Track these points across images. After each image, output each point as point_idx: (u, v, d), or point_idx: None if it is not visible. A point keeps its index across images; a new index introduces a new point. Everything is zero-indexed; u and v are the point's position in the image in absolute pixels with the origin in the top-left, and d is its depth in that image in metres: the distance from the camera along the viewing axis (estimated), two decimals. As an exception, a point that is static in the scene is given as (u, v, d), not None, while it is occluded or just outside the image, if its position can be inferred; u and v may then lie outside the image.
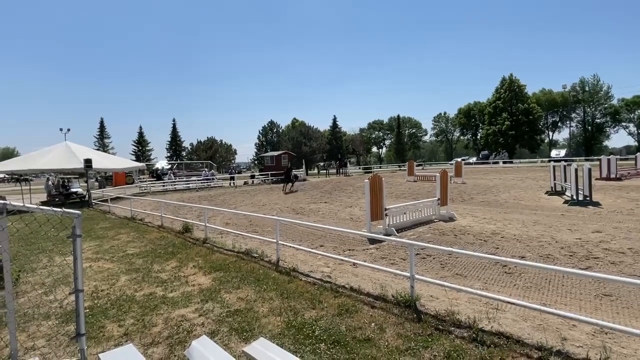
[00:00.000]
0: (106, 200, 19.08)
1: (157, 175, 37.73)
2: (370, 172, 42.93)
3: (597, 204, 13.05)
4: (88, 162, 20.25)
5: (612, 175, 21.80)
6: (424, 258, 7.41)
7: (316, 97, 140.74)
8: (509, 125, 64.07)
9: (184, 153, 77.20)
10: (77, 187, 24.71)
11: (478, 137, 78.99)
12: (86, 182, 22.63)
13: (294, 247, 7.97)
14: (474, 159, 61.69)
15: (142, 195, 24.56)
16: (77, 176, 28.02)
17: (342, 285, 5.93)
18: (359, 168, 58.77)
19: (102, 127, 78.08)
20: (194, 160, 59.67)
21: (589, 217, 10.94)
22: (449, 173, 15.19)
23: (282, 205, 17.08)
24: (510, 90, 65.45)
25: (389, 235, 9.24)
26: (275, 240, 7.57)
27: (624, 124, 69.24)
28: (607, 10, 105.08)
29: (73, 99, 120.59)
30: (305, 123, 71.13)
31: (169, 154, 76.90)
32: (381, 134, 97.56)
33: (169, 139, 78.63)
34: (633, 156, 29.93)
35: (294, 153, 45.04)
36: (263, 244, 8.83)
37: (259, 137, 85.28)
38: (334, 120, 77.82)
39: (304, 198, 20.04)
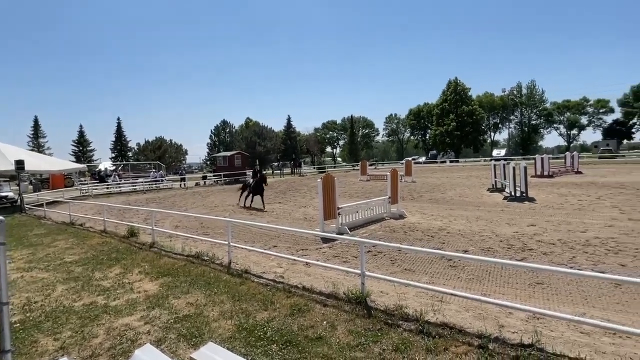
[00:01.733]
0: (42, 205, 17.66)
1: (100, 177, 35.52)
2: (325, 171, 43.35)
3: (532, 200, 14.09)
4: (20, 163, 18.61)
5: (546, 173, 23.67)
6: (375, 255, 7.60)
7: (270, 97, 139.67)
8: (455, 126, 67.41)
9: (130, 153, 73.39)
10: (7, 191, 22.64)
11: (427, 137, 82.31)
12: (18, 185, 20.77)
13: (246, 248, 7.85)
14: (423, 159, 64.25)
15: (82, 199, 23.04)
16: (8, 179, 25.67)
17: (294, 285, 5.93)
18: (314, 168, 59.13)
19: (36, 126, 72.27)
20: (141, 161, 56.88)
21: (525, 212, 11.78)
22: (400, 172, 15.72)
23: (235, 207, 16.77)
24: (456, 93, 68.90)
25: (342, 233, 9.38)
26: (227, 242, 7.41)
27: (555, 125, 75.39)
28: (541, 19, 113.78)
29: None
30: (260, 123, 70.41)
31: (113, 155, 72.79)
32: (335, 134, 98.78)
33: (114, 139, 74.41)
34: (563, 155, 32.66)
35: (247, 153, 44.36)
36: (214, 247, 8.61)
37: (211, 137, 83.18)
38: (288, 120, 77.71)
39: (257, 198, 19.80)
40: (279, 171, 45.12)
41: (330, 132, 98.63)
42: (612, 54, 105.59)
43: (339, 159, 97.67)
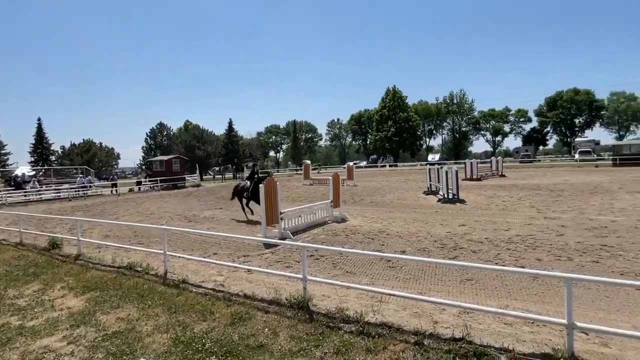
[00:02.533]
0: (-58, 216, 15.50)
1: (16, 183, 32.01)
2: (267, 176, 42.96)
3: (463, 201, 15.09)
4: None
5: (475, 176, 25.49)
6: (317, 259, 7.65)
7: (211, 100, 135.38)
8: (393, 132, 70.32)
9: (53, 157, 67.13)
10: None
11: (368, 142, 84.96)
12: None
13: (184, 257, 7.50)
14: (364, 163, 66.15)
15: (-5, 208, 20.60)
16: None
17: (235, 293, 5.78)
18: (257, 172, 58.18)
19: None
20: (66, 166, 52.23)
21: (456, 213, 12.58)
22: (342, 176, 16.05)
23: (173, 214, 16.00)
24: (394, 100, 71.99)
25: (285, 238, 9.33)
26: (162, 252, 7.03)
27: (482, 132, 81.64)
28: (471, 32, 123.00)
29: None
30: (200, 126, 68.11)
31: (33, 159, 66.05)
32: (278, 138, 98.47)
33: (33, 142, 67.59)
34: (489, 160, 35.44)
35: (186, 157, 42.63)
36: (149, 256, 8.13)
37: (146, 140, 78.83)
38: (230, 123, 76.00)
39: (197, 205, 19.09)
40: (220, 176, 43.90)
41: (274, 137, 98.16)
42: (531, 68, 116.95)
43: (281, 163, 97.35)
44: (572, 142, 66.14)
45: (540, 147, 73.30)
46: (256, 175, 13.39)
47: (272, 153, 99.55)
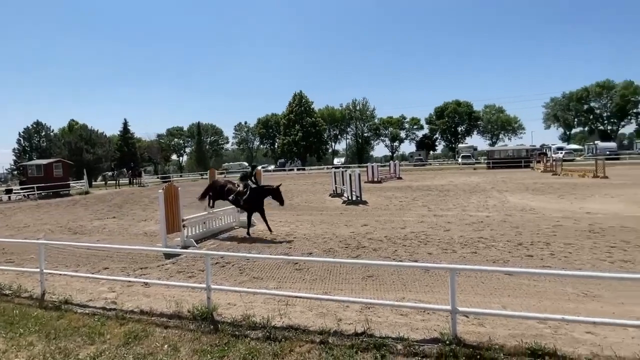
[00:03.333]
0: None
1: None
2: (169, 181, 40.26)
3: (365, 203, 16.00)
4: None
5: (376, 179, 27.23)
6: (223, 266, 7.40)
7: (101, 99, 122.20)
8: (300, 136, 71.63)
9: None
10: None
11: (276, 146, 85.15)
12: None
13: (67, 274, 6.63)
14: (272, 167, 66.20)
15: None
16: None
17: (130, 310, 5.28)
18: (157, 177, 54.34)
19: None
20: None
21: (359, 214, 13.28)
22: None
23: (55, 225, 14.04)
24: (301, 105, 73.43)
25: (187, 247, 8.85)
26: (38, 269, 6.10)
27: (382, 138, 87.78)
28: (375, 46, 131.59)
29: None
30: (88, 126, 61.02)
31: None
32: (181, 141, 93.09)
33: None
34: (388, 164, 38.25)
35: (71, 161, 37.80)
36: (21, 276, 7.00)
37: (19, 142, 67.92)
38: (125, 124, 69.46)
39: (85, 214, 17.03)
40: (114, 181, 39.78)
41: (176, 139, 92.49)
42: (424, 80, 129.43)
43: (185, 167, 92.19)
44: (456, 147, 74.99)
45: (431, 152, 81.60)
46: (253, 179, 10.96)
47: (174, 157, 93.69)
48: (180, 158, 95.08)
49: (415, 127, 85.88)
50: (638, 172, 26.81)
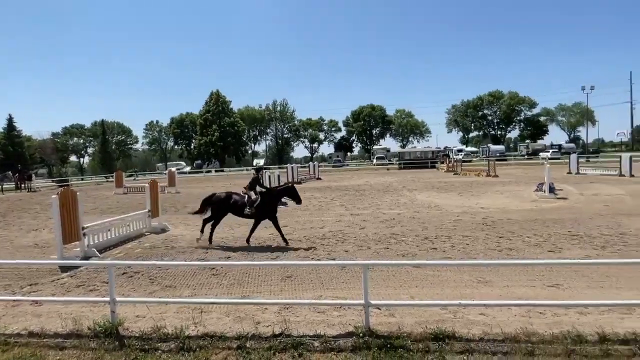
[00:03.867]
0: None
1: None
2: (68, 185, 36.01)
3: (285, 204, 15.97)
4: None
5: (296, 180, 27.48)
6: (131, 277, 6.84)
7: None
8: (218, 136, 69.32)
9: None
10: None
11: (192, 147, 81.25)
12: None
13: None
14: (188, 168, 63.05)
15: None
16: None
17: (16, 333, 4.62)
18: (52, 181, 48.27)
19: None
20: None
21: (279, 215, 13.22)
22: (163, 183, 14.83)
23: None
24: (218, 105, 71.08)
25: (89, 257, 8.01)
26: None
27: (302, 139, 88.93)
28: (294, 49, 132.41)
29: None
30: (-41, 122, 51.96)
31: None
32: (82, 140, 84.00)
33: None
34: (308, 165, 38.90)
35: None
36: None
37: None
38: (10, 120, 60.71)
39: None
40: (-5, 186, 34.28)
41: (76, 138, 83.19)
42: (343, 84, 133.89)
43: (87, 169, 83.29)
44: (371, 149, 79.05)
45: (349, 154, 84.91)
46: (261, 183, 9.69)
47: (74, 158, 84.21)
48: (81, 159, 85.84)
49: (333, 129, 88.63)
50: (520, 172, 30.97)
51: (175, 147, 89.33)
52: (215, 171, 56.65)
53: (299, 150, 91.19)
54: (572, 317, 4.53)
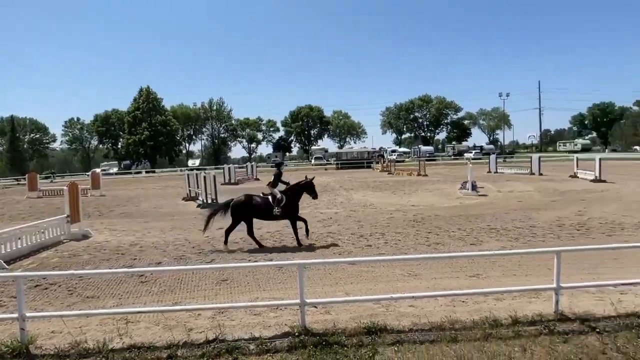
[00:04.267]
0: None
1: None
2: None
3: (221, 205, 15.58)
4: None
5: (233, 181, 26.86)
6: (46, 289, 6.20)
7: None
8: (148, 135, 65.32)
9: None
10: None
11: (119, 146, 75.74)
12: None
13: None
14: (115, 169, 58.69)
15: None
16: None
17: None
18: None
19: None
20: None
21: (217, 218, 12.84)
22: (85, 185, 13.64)
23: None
24: (148, 102, 67.03)
25: (-6, 270, 7.12)
26: None
27: (239, 139, 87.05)
28: (234, 47, 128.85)
29: None
30: None
31: None
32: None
33: None
34: (245, 165, 38.21)
35: None
36: None
37: None
38: None
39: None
40: None
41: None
42: (282, 85, 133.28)
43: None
44: (309, 149, 79.75)
45: (287, 154, 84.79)
46: (281, 174, 9.12)
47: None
48: (-15, 160, 75.88)
49: (272, 129, 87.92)
50: (447, 171, 33.20)
51: (100, 146, 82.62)
52: (146, 172, 53.43)
53: (237, 151, 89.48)
54: (489, 304, 4.96)
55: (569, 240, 8.18)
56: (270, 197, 8.44)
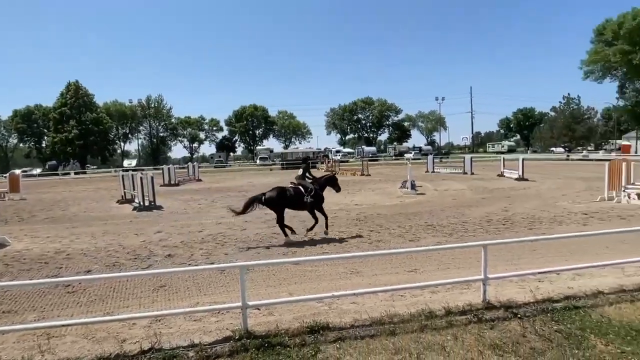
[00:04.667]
0: None
1: None
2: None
3: (160, 208, 14.86)
4: None
5: (173, 182, 25.69)
6: (-50, 306, 5.50)
7: None
8: (77, 134, 60.51)
9: None
10: None
11: (44, 145, 69.25)
12: None
13: None
14: (38, 171, 53.58)
15: None
16: None
17: None
18: None
19: None
20: None
21: (153, 220, 12.24)
22: (2, 188, 12.27)
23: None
24: (78, 98, 62.05)
25: None
26: None
27: (180, 138, 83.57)
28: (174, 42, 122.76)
29: None
30: None
31: None
32: None
33: None
34: (187, 165, 36.74)
35: None
36: None
37: None
38: None
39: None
40: None
41: None
42: (224, 84, 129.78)
43: None
44: (254, 149, 78.66)
45: (231, 154, 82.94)
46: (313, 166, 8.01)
47: None
48: None
49: (215, 128, 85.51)
50: (389, 171, 34.48)
51: (21, 145, 74.94)
52: (75, 173, 49.41)
53: (178, 150, 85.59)
54: (426, 297, 5.23)
55: (496, 234, 8.86)
56: (301, 188, 8.85)
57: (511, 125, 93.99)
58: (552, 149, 64.85)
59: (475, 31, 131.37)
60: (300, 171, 9.29)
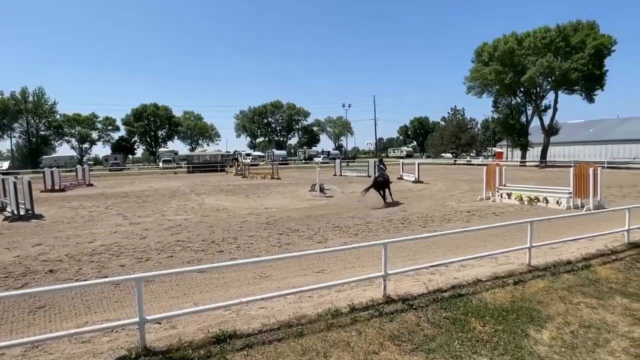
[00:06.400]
0: None
1: None
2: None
3: (40, 217, 12.97)
4: None
5: (57, 187, 22.63)
6: None
7: None
8: None
9: None
10: None
11: None
12: None
13: None
14: None
15: None
16: None
17: None
18: None
19: None
20: None
21: (31, 232, 10.62)
22: None
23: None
24: None
25: None
26: None
27: (67, 138, 73.90)
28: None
29: None
30: None
31: None
32: None
33: None
34: (76, 168, 32.59)
35: None
36: None
37: None
38: None
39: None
40: None
41: None
42: (116, 81, 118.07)
43: None
44: (157, 151, 73.33)
45: (130, 156, 76.03)
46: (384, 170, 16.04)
47: None
48: None
49: (110, 128, 77.57)
50: (299, 174, 35.01)
51: None
52: None
53: (65, 151, 75.15)
54: (332, 296, 5.41)
55: (396, 233, 9.57)
56: (387, 176, 15.16)
57: (409, 133, 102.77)
58: (442, 154, 72.36)
59: (377, 38, 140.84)
60: (381, 167, 16.48)
